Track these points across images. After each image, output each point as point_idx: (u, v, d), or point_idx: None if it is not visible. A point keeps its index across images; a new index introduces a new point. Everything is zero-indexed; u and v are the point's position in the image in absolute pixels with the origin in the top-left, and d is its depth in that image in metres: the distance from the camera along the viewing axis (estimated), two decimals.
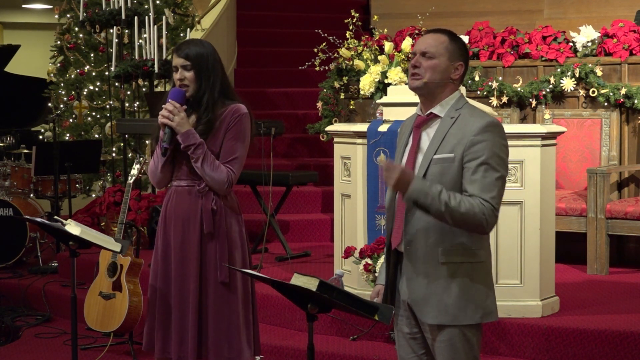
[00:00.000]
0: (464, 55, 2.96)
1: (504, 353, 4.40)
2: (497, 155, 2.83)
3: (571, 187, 6.04)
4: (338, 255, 4.93)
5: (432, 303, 2.88)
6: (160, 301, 3.61)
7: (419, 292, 2.91)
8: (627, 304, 4.77)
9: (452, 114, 2.90)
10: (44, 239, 7.05)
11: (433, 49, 2.91)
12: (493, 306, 2.93)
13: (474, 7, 8.40)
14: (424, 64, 2.91)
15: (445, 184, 2.83)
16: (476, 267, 2.89)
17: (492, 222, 2.81)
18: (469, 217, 2.78)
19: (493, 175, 2.81)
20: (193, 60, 3.50)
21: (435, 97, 2.93)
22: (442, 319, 2.88)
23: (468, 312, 2.88)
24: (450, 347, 2.90)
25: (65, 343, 5.34)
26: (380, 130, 4.65)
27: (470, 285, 2.87)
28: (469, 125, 2.85)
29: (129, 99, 7.94)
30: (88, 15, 7.04)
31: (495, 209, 2.81)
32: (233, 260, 3.57)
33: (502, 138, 2.86)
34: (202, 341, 3.55)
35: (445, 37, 2.94)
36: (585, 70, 6.06)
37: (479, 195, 2.80)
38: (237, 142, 3.54)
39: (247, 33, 9.14)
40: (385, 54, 6.38)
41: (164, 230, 3.63)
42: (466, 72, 3.00)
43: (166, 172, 3.60)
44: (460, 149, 2.84)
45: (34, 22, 13.87)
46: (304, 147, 7.61)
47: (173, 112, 3.48)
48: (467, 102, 2.95)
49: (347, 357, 4.49)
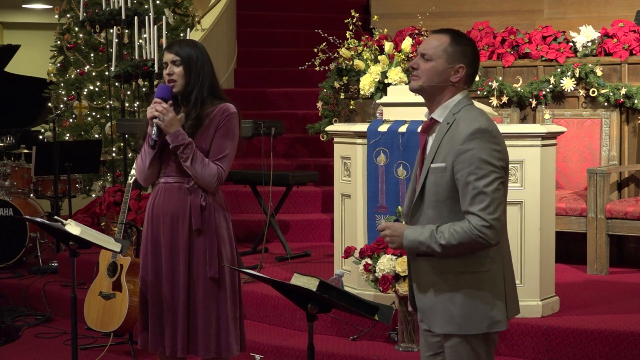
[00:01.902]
0: (468, 57, 2.88)
1: (504, 353, 4.40)
2: (485, 162, 2.76)
3: (571, 187, 6.04)
4: (338, 255, 4.93)
5: (439, 312, 2.88)
6: (152, 297, 3.64)
7: (426, 301, 2.91)
8: (627, 304, 4.77)
9: (449, 119, 2.86)
10: (44, 239, 7.05)
11: (431, 51, 2.87)
12: (500, 315, 2.87)
13: (474, 7, 8.41)
14: (422, 66, 2.88)
15: (439, 193, 2.83)
16: (481, 277, 2.85)
17: (491, 234, 2.75)
18: (466, 244, 2.77)
19: (482, 184, 2.75)
20: (182, 57, 3.56)
21: (435, 100, 2.90)
22: (448, 328, 2.87)
23: (473, 321, 2.85)
24: (456, 355, 2.89)
25: (65, 343, 5.34)
26: (380, 130, 4.65)
27: (475, 294, 2.84)
28: (458, 133, 2.80)
29: (129, 99, 7.94)
30: (88, 15, 7.04)
31: (488, 220, 2.74)
32: (222, 256, 3.61)
33: (491, 142, 2.78)
34: (190, 336, 3.59)
35: (447, 38, 2.88)
36: (585, 70, 6.06)
37: (468, 210, 2.76)
38: (227, 140, 3.58)
39: (247, 33, 9.15)
40: (385, 54, 6.38)
41: (151, 227, 3.65)
42: (474, 75, 2.94)
43: (154, 169, 3.63)
44: (450, 158, 2.80)
45: (34, 22, 13.87)
46: (304, 147, 7.61)
47: (163, 112, 3.50)
48: (465, 105, 2.87)
49: (347, 357, 4.49)
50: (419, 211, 2.90)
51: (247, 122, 5.57)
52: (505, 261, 2.91)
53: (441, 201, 2.83)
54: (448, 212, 2.82)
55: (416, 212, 2.91)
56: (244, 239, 6.46)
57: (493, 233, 2.75)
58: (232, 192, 6.79)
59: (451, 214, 2.82)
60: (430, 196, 2.85)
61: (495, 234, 2.76)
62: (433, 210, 2.85)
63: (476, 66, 2.93)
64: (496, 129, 2.84)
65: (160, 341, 3.63)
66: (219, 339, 3.60)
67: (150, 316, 3.64)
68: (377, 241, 4.44)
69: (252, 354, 4.64)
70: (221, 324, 3.60)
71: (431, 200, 2.85)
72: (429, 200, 2.86)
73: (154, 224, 3.64)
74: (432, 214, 2.86)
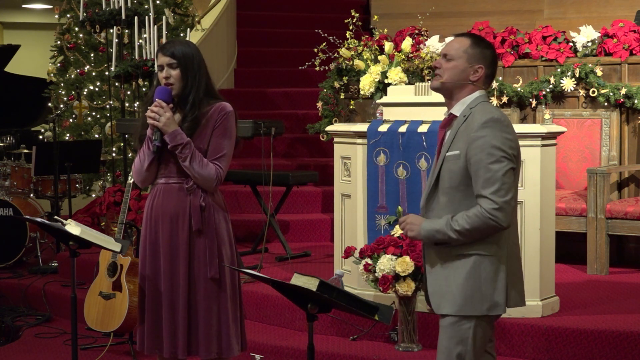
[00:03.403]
0: (487, 59, 3.08)
1: (504, 353, 4.40)
2: (497, 148, 2.93)
3: (571, 187, 6.04)
4: (338, 255, 4.93)
5: (443, 293, 3.03)
6: (151, 299, 3.64)
7: (435, 285, 3.07)
8: (627, 304, 4.77)
9: (466, 113, 3.04)
10: (44, 239, 7.05)
11: (453, 52, 3.08)
12: (501, 299, 3.02)
13: (474, 7, 8.40)
14: (444, 66, 3.09)
15: (453, 179, 2.99)
16: (485, 259, 3.00)
17: (502, 216, 2.91)
18: (479, 227, 2.92)
19: (494, 168, 2.92)
20: (179, 59, 3.54)
21: (454, 98, 3.10)
22: (450, 308, 3.02)
23: (474, 303, 3.00)
24: (446, 333, 3.04)
25: (65, 343, 5.34)
26: (380, 130, 4.65)
27: (478, 277, 2.99)
28: (473, 123, 2.98)
29: (129, 99, 7.94)
30: (88, 15, 7.04)
31: (498, 202, 2.90)
32: (222, 256, 3.61)
33: (503, 132, 2.96)
34: (191, 337, 3.59)
35: (468, 40, 3.09)
36: (585, 70, 6.06)
37: (480, 193, 2.93)
38: (225, 139, 3.57)
39: (247, 33, 9.14)
40: (385, 54, 6.38)
41: (150, 228, 3.64)
42: (492, 76, 3.13)
43: (152, 170, 3.63)
44: (464, 146, 2.98)
45: (34, 22, 13.87)
46: (304, 147, 7.61)
47: (159, 112, 3.50)
48: (483, 101, 3.06)
49: (347, 357, 4.50)
50: (434, 199, 3.07)
51: (247, 122, 5.57)
52: (511, 250, 3.06)
53: (454, 187, 3.00)
54: (460, 198, 2.99)
55: (431, 200, 3.08)
56: (244, 239, 6.46)
57: (504, 215, 2.91)
58: (232, 192, 6.79)
59: (463, 201, 2.98)
60: (445, 183, 3.03)
61: (506, 216, 2.92)
62: (446, 196, 3.02)
63: (494, 68, 3.16)
64: (509, 121, 3.05)
65: (157, 343, 3.62)
66: (219, 340, 3.60)
67: (148, 317, 3.64)
68: (377, 241, 4.44)
69: (252, 354, 4.64)
70: (222, 324, 3.60)
71: (445, 187, 3.03)
72: (443, 187, 3.03)
73: (153, 225, 3.64)
74: (445, 200, 3.03)
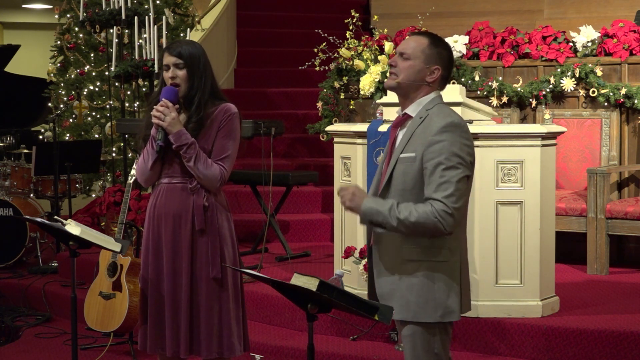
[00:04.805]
0: (443, 60, 3.00)
1: (504, 353, 4.40)
2: (455, 154, 2.87)
3: (571, 187, 6.04)
4: (338, 255, 4.93)
5: (396, 299, 2.98)
6: (153, 298, 3.64)
7: (385, 287, 3.02)
8: (627, 304, 4.77)
9: (422, 114, 2.97)
10: (44, 239, 7.05)
11: (410, 51, 2.99)
12: (455, 306, 2.97)
13: (474, 7, 8.41)
14: (400, 65, 3.00)
15: (406, 182, 2.93)
16: (438, 266, 2.95)
17: (449, 222, 2.85)
18: (421, 224, 2.85)
19: (449, 174, 2.85)
20: (186, 59, 3.53)
21: (410, 98, 3.02)
22: (404, 315, 2.98)
23: (428, 310, 2.95)
24: (410, 342, 3.00)
25: (65, 343, 5.35)
26: (380, 130, 4.65)
27: (431, 284, 2.94)
28: (430, 126, 2.92)
29: (129, 99, 7.94)
30: (88, 15, 7.04)
31: (449, 207, 2.84)
32: (224, 256, 3.61)
33: (462, 137, 2.90)
34: (193, 337, 3.59)
35: (426, 40, 3.01)
36: (585, 70, 6.06)
37: (431, 197, 2.86)
38: (229, 140, 3.57)
39: (247, 33, 9.15)
40: (385, 54, 6.38)
41: (153, 227, 3.64)
42: (448, 77, 3.05)
43: (156, 170, 3.62)
44: (421, 149, 2.91)
45: (34, 22, 13.87)
46: (304, 147, 7.61)
47: (164, 112, 3.49)
48: (439, 103, 3.00)
49: (347, 357, 4.50)
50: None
51: (247, 122, 5.57)
52: (462, 256, 3.02)
53: (407, 190, 2.94)
54: (413, 201, 2.91)
55: None
56: (244, 239, 6.46)
57: (452, 221, 2.86)
58: (232, 192, 6.79)
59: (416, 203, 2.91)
60: (397, 185, 2.96)
61: (453, 223, 2.86)
62: (398, 199, 2.94)
63: (450, 70, 3.06)
64: (467, 127, 2.97)
65: (160, 342, 3.62)
66: (221, 339, 3.60)
67: (150, 317, 3.64)
68: None
69: (252, 354, 4.64)
70: (224, 324, 3.60)
71: (398, 189, 2.96)
72: (396, 189, 2.97)
73: (156, 224, 3.64)
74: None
